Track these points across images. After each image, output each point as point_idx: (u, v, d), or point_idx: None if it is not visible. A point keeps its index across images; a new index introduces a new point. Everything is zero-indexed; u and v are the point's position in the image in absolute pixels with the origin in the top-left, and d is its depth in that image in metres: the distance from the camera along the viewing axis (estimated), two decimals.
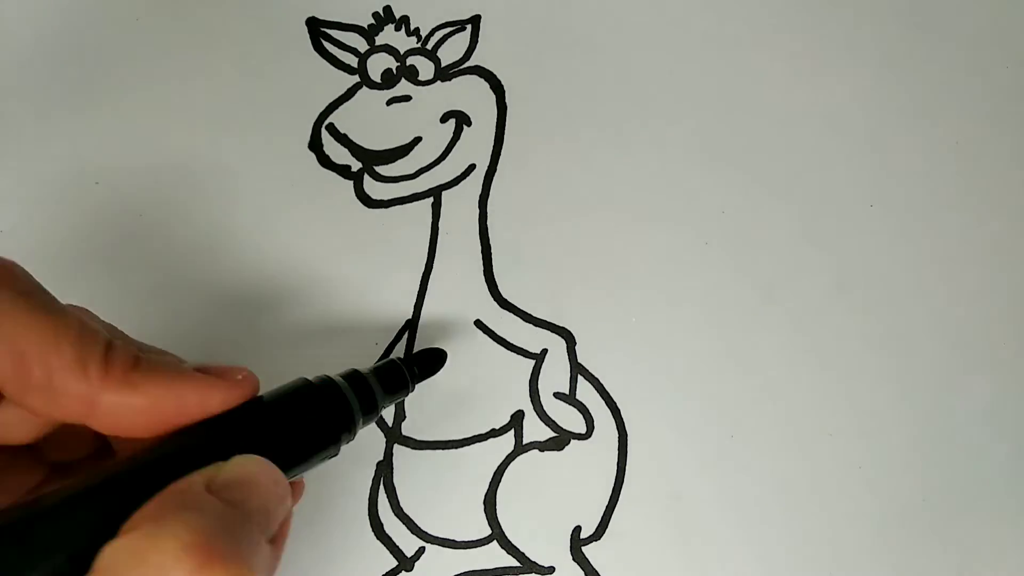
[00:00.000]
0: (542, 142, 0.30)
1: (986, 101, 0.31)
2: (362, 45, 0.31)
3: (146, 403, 0.19)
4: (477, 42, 0.31)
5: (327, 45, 0.31)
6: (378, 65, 0.31)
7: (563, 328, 0.29)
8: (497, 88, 0.30)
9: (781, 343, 0.29)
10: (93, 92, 0.30)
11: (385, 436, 0.28)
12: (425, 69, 0.31)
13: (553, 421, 0.28)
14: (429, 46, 0.31)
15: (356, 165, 0.30)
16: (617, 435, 0.28)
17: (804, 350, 0.28)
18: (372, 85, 0.30)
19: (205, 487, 0.17)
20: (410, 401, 0.28)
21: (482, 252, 0.29)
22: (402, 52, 0.31)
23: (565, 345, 0.28)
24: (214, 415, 0.19)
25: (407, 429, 0.28)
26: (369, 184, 0.30)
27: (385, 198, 0.30)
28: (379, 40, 0.31)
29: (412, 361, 0.26)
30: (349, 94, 0.30)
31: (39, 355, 0.17)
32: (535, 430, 0.28)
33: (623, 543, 0.27)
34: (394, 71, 0.31)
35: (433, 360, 0.27)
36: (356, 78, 0.31)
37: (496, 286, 0.29)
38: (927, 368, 0.28)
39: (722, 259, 0.29)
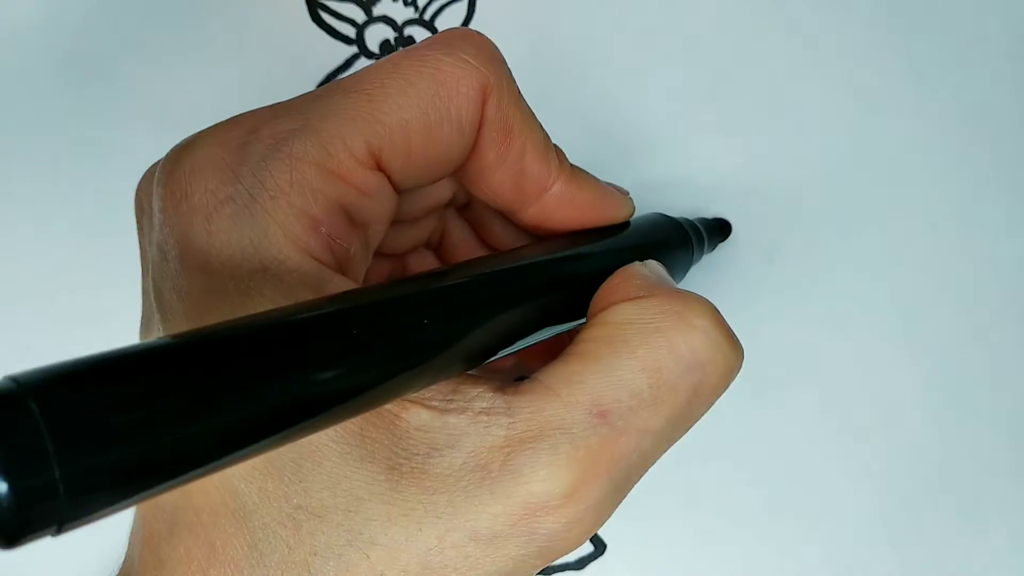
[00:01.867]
0: (541, 112, 0.30)
1: (989, 66, 0.31)
2: (360, 16, 0.31)
3: (585, 199, 0.20)
4: (474, 12, 0.31)
5: (325, 16, 0.31)
6: (376, 36, 0.31)
7: None
8: None
9: (782, 307, 0.29)
10: (89, 65, 0.30)
11: None
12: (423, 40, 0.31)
13: None
14: (427, 17, 0.31)
15: None
16: None
17: (806, 314, 0.29)
18: (370, 55, 0.30)
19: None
20: None
21: None
22: (400, 23, 0.31)
23: None
24: (618, 223, 0.21)
25: None
26: None
27: None
28: (376, 11, 0.31)
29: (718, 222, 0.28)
30: (347, 65, 0.30)
31: (519, 133, 0.19)
32: None
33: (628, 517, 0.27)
34: (392, 42, 0.31)
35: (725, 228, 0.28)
36: (354, 49, 0.30)
37: None
38: (935, 333, 0.29)
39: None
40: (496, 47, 0.19)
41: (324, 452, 0.15)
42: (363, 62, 0.30)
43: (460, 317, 0.16)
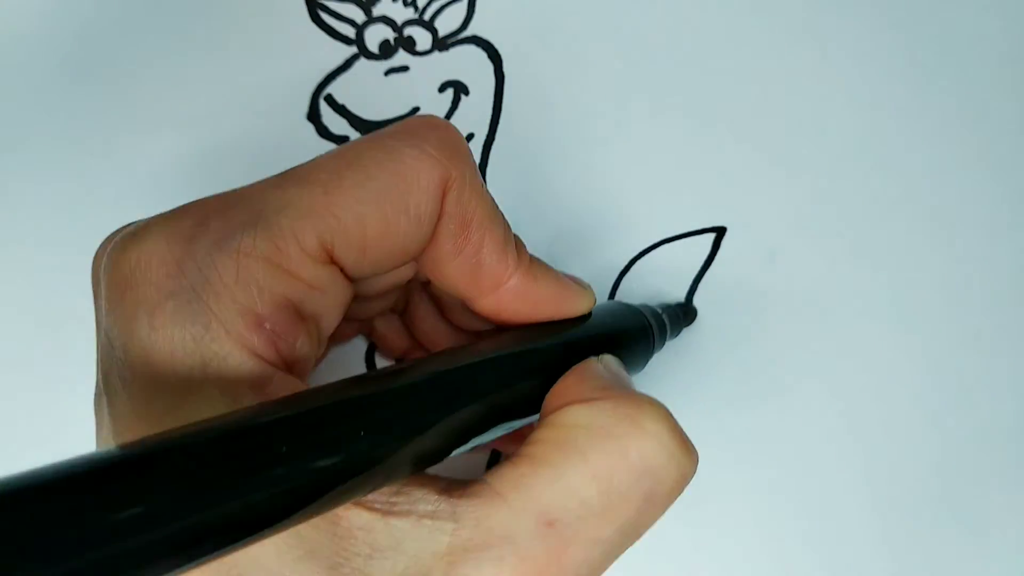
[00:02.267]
0: (541, 111, 0.30)
1: (988, 65, 0.30)
2: (359, 16, 0.31)
3: (541, 295, 0.20)
4: (474, 12, 0.31)
5: (324, 16, 0.31)
6: (376, 36, 0.31)
7: None
8: (495, 57, 0.30)
9: (783, 306, 0.28)
10: (89, 65, 0.30)
11: None
12: (423, 40, 0.31)
13: None
14: (426, 17, 0.31)
15: (355, 136, 0.30)
16: None
17: (807, 313, 0.28)
18: (370, 56, 0.30)
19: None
20: None
21: None
22: (399, 23, 0.31)
23: None
24: (574, 317, 0.21)
25: None
26: None
27: None
28: (376, 11, 0.31)
29: (682, 307, 0.27)
30: (347, 65, 0.30)
31: (478, 227, 0.18)
32: None
33: None
34: (392, 42, 0.31)
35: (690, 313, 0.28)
36: (354, 49, 0.30)
37: None
38: (934, 332, 0.28)
39: (724, 224, 0.29)
40: (461, 137, 0.19)
41: (263, 549, 0.15)
42: (363, 62, 0.30)
43: (407, 420, 0.15)
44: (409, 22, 0.31)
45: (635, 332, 0.23)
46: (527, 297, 0.20)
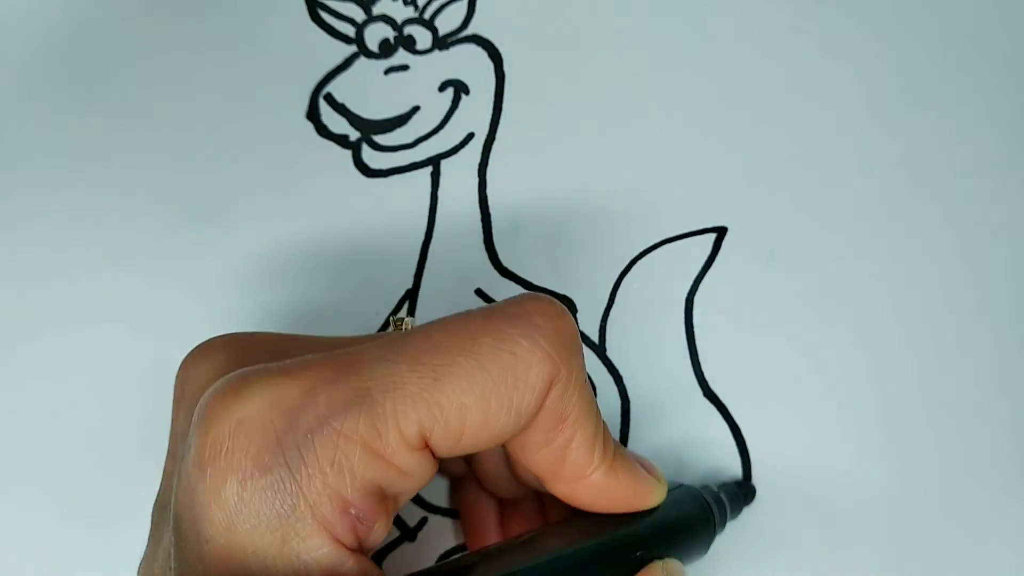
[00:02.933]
0: (541, 110, 0.30)
1: (985, 64, 0.30)
2: (359, 15, 0.31)
3: (618, 493, 0.20)
4: (474, 11, 0.31)
5: (324, 15, 0.31)
6: (375, 35, 0.30)
7: (564, 296, 0.28)
8: (495, 56, 0.30)
9: (783, 306, 0.28)
10: (89, 65, 0.30)
11: None
12: (423, 39, 0.30)
13: None
14: (427, 16, 0.31)
15: (354, 135, 0.30)
16: (620, 402, 0.28)
17: (807, 313, 0.28)
18: (370, 55, 0.30)
19: None
20: None
21: (482, 220, 0.29)
22: (399, 22, 0.31)
23: None
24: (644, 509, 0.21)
25: None
26: (367, 153, 0.29)
27: (384, 167, 0.29)
28: (376, 10, 0.31)
29: (740, 487, 0.27)
30: (347, 64, 0.30)
31: (572, 423, 0.18)
32: None
33: None
34: (392, 41, 0.30)
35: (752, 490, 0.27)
36: (354, 48, 0.30)
37: (496, 254, 0.29)
38: (933, 331, 0.28)
39: (722, 225, 0.29)
40: (575, 328, 0.19)
41: None
42: (362, 61, 0.30)
43: None
44: (409, 21, 0.31)
45: (698, 522, 0.23)
46: (605, 493, 0.20)
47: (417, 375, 0.16)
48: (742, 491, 0.26)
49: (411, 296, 0.28)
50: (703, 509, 0.23)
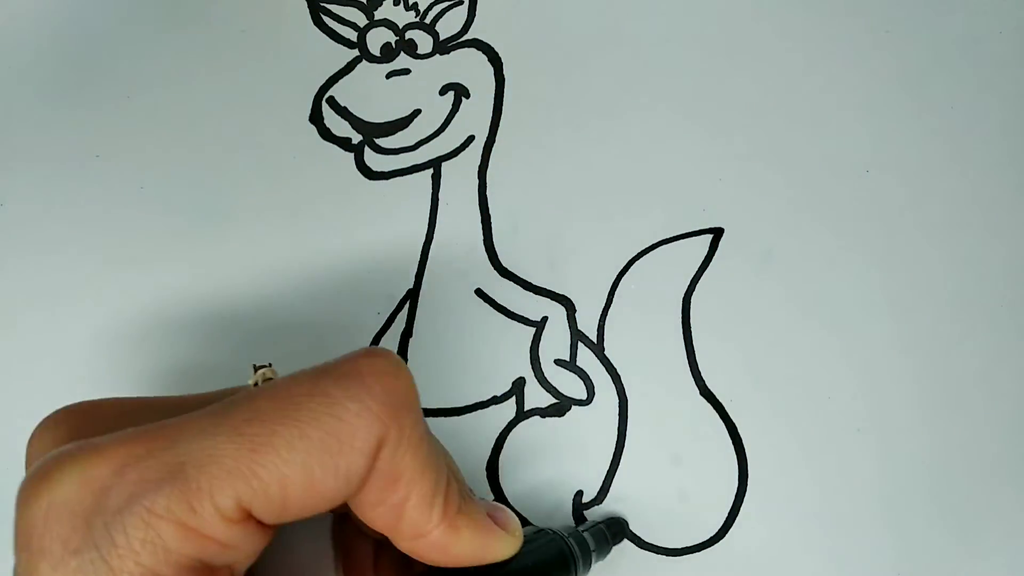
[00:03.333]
0: (540, 113, 0.30)
1: (981, 66, 0.31)
2: (361, 20, 0.31)
3: (461, 551, 0.20)
4: (475, 16, 0.31)
5: (327, 20, 0.31)
6: (377, 39, 0.31)
7: (563, 296, 0.29)
8: (495, 60, 0.31)
9: (779, 305, 0.29)
10: (93, 66, 0.31)
11: None
12: (424, 43, 0.31)
13: (554, 388, 0.28)
14: (428, 20, 0.31)
15: (356, 138, 0.30)
16: (617, 401, 0.28)
17: (802, 313, 0.29)
18: (372, 59, 0.31)
19: None
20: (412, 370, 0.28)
21: (482, 222, 0.29)
22: (401, 26, 0.31)
23: (565, 313, 0.29)
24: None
25: None
26: (370, 156, 0.30)
27: (385, 170, 0.30)
28: (378, 15, 0.31)
29: (609, 527, 0.26)
30: (349, 68, 0.31)
31: (407, 483, 0.18)
32: (536, 397, 0.28)
33: (624, 507, 0.27)
34: (393, 45, 0.31)
35: (621, 528, 0.27)
36: (356, 52, 0.31)
37: (496, 255, 0.29)
38: (929, 331, 0.29)
39: (719, 226, 0.29)
40: (409, 384, 0.18)
41: None
42: (364, 65, 0.31)
43: None
44: (410, 25, 0.31)
45: (555, 569, 0.23)
46: (447, 550, 0.19)
47: (235, 446, 0.16)
48: (610, 531, 0.26)
49: (412, 296, 0.29)
50: (561, 555, 0.23)
